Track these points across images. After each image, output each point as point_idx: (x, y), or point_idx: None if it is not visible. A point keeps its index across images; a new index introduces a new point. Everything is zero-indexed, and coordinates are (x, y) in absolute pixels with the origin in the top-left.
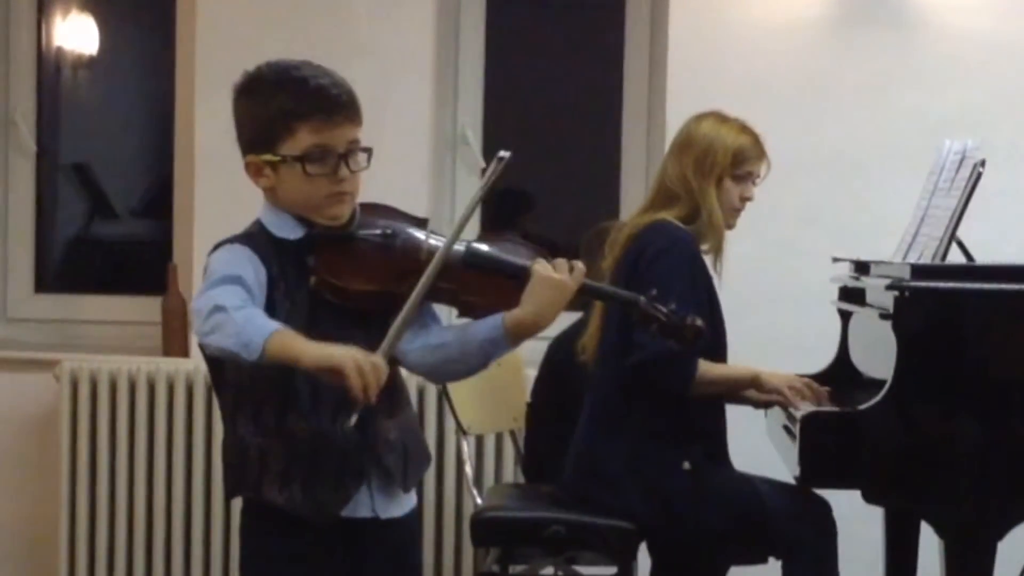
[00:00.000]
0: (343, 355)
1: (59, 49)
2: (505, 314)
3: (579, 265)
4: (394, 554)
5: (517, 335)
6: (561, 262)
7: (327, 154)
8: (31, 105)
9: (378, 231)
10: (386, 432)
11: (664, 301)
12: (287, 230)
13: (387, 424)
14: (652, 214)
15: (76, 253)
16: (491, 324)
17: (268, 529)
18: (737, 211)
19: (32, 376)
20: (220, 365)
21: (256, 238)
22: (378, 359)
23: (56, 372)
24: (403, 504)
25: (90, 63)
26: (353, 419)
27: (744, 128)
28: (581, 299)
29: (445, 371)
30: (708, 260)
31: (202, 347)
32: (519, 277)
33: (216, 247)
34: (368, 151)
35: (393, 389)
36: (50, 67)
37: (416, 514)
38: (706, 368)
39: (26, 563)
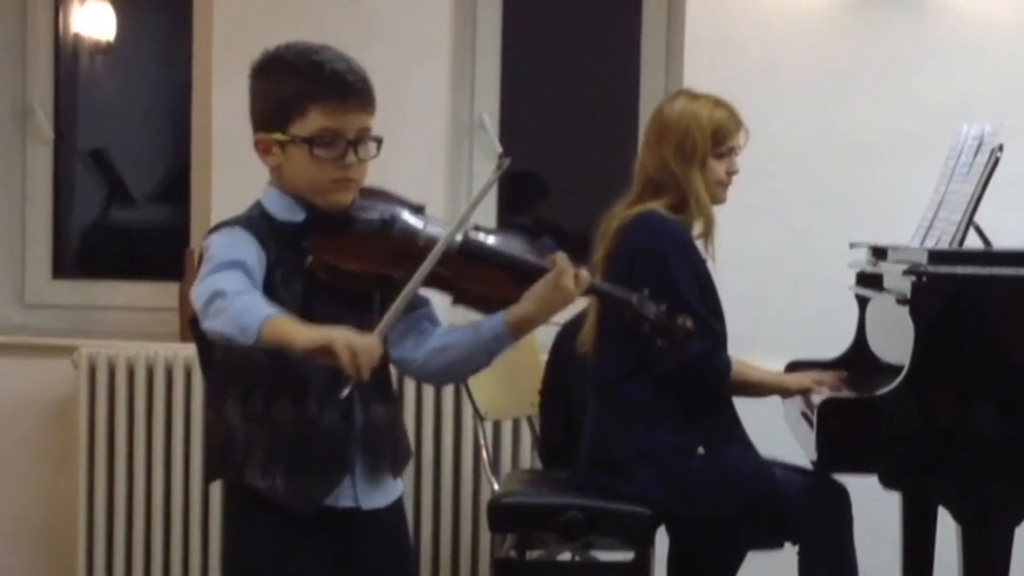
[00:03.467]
0: (334, 334)
1: (76, 36)
2: (506, 313)
3: (584, 273)
4: (380, 545)
5: (519, 331)
6: (569, 268)
7: (336, 138)
8: (48, 92)
9: (376, 216)
10: (378, 418)
11: (657, 300)
12: (288, 212)
13: (379, 410)
14: (640, 205)
15: (94, 239)
16: (493, 323)
17: (251, 516)
18: (725, 185)
19: (50, 362)
20: (209, 346)
21: (255, 221)
22: (372, 338)
23: (74, 358)
24: (387, 494)
25: (107, 49)
26: (345, 391)
27: (717, 103)
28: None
29: (451, 373)
30: (700, 244)
31: (196, 329)
32: (521, 271)
33: (214, 229)
34: (378, 140)
35: (383, 375)
36: (67, 54)
37: (401, 504)
38: (739, 372)
39: (44, 548)
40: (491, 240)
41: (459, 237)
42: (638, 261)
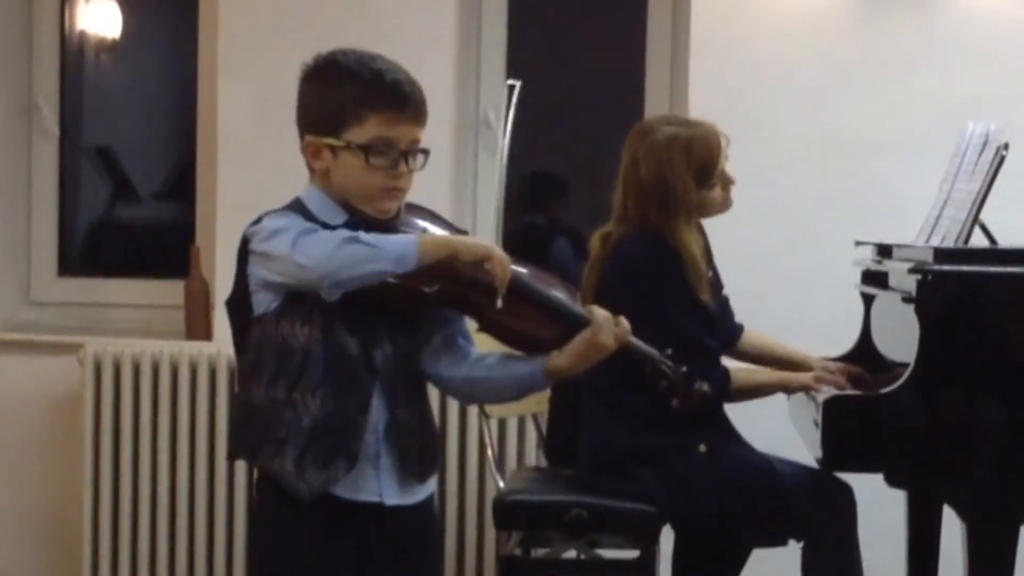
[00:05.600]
0: (492, 247)
1: (82, 33)
2: (546, 362)
3: (624, 325)
4: (403, 541)
5: (553, 379)
6: (609, 320)
7: (391, 148)
8: (54, 88)
9: (417, 230)
10: (405, 421)
11: (679, 361)
12: (330, 215)
13: (407, 412)
14: (627, 225)
15: (99, 236)
16: (531, 369)
17: (277, 506)
18: (729, 196)
19: (55, 359)
20: (245, 329)
21: (302, 215)
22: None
23: (79, 355)
24: (414, 492)
25: (113, 46)
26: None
27: (691, 138)
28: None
29: (479, 400)
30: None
31: (233, 312)
32: (556, 314)
33: (263, 215)
34: (426, 152)
35: (415, 381)
36: (73, 51)
37: (431, 503)
38: (739, 378)
39: (50, 545)
40: (528, 278)
41: None
42: (628, 283)
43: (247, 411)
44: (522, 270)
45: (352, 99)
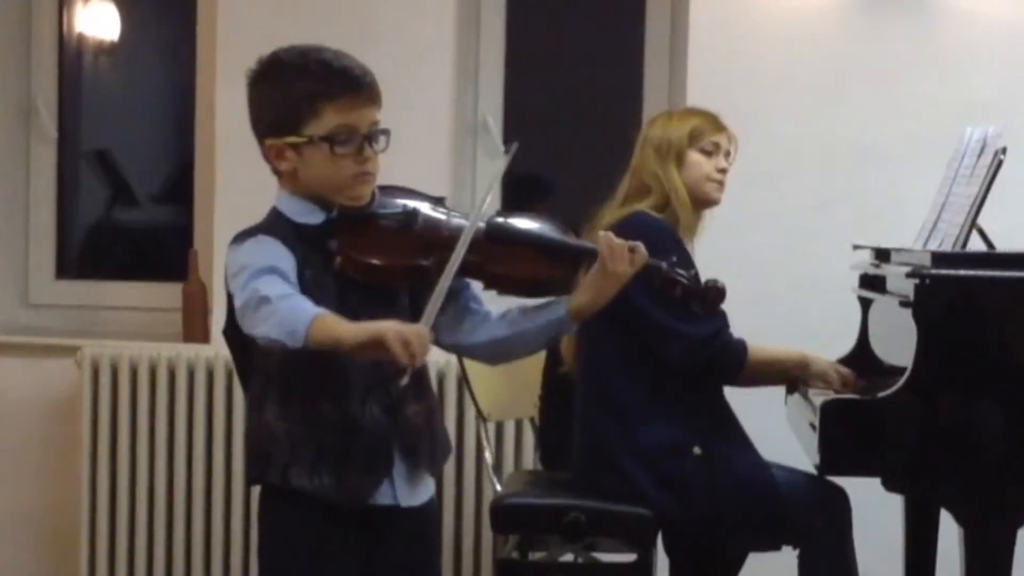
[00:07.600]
0: (382, 327)
1: (80, 36)
2: (567, 302)
3: (641, 249)
4: (411, 542)
5: (579, 318)
6: (618, 248)
7: (353, 134)
8: (52, 92)
9: (398, 209)
10: (415, 416)
11: (684, 267)
12: (308, 215)
13: (415, 408)
14: (627, 207)
15: (97, 239)
16: (553, 313)
17: (287, 513)
18: (715, 182)
19: (53, 362)
20: (245, 352)
21: (277, 226)
22: (420, 326)
23: (77, 358)
24: (422, 493)
25: (111, 50)
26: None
27: (692, 110)
28: None
29: (511, 357)
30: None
31: (230, 337)
32: (553, 250)
33: (237, 239)
34: (387, 133)
35: (421, 374)
36: (71, 54)
37: (433, 503)
38: (756, 350)
39: (47, 548)
40: (516, 222)
41: (482, 223)
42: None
43: (264, 434)
44: (513, 220)
45: (305, 93)
